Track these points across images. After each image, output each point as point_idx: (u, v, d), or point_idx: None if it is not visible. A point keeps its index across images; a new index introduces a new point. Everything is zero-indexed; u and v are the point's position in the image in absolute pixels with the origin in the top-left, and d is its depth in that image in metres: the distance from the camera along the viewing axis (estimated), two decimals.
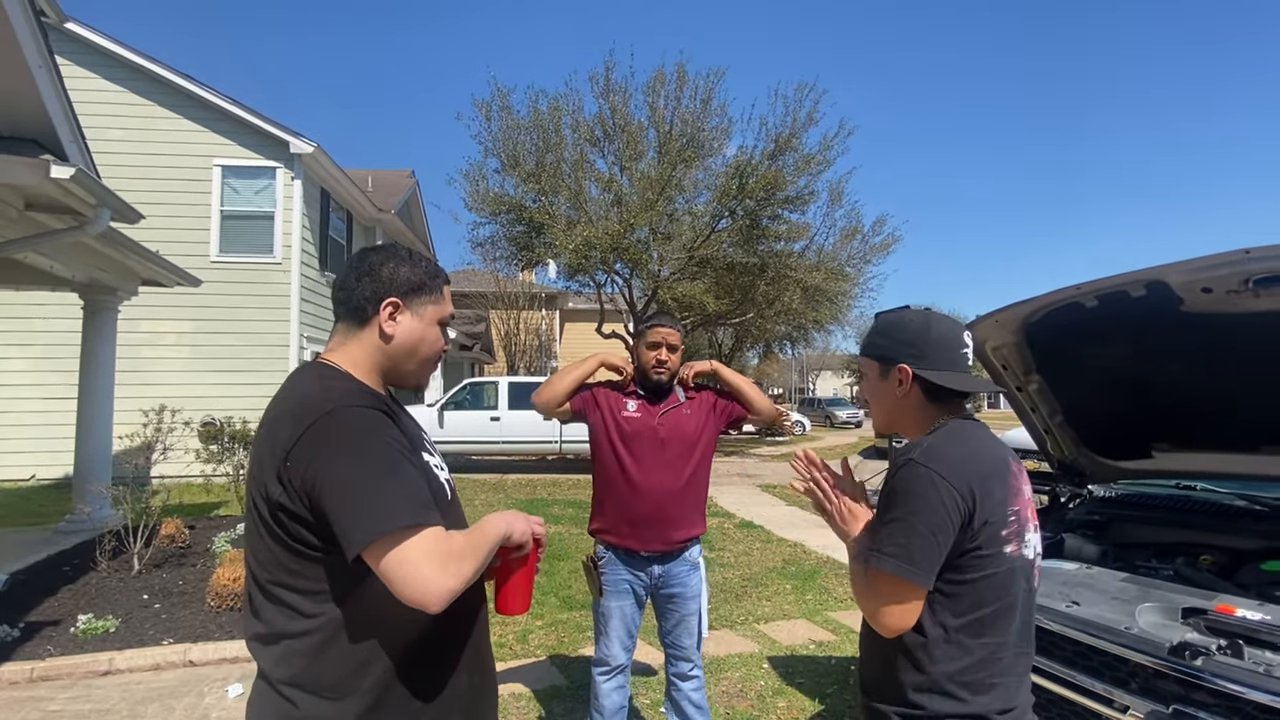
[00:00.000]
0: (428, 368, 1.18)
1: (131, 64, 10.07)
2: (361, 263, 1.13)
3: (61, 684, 3.18)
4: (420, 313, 1.13)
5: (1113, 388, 2.37)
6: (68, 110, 4.30)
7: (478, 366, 21.00)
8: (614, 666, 2.26)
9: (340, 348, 1.11)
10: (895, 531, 1.11)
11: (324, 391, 1.01)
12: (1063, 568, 2.12)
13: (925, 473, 1.11)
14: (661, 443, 2.22)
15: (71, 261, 5.40)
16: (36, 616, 3.84)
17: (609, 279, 15.04)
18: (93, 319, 6.31)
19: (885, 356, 1.28)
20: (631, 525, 2.21)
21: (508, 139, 13.66)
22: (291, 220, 10.67)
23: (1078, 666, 1.72)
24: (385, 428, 1.00)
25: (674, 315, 2.40)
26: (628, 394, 2.31)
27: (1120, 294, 1.96)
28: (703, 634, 2.33)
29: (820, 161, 13.93)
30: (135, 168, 9.91)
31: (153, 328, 9.68)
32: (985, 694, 1.13)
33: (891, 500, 1.15)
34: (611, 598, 2.24)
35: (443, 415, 11.47)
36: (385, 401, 1.09)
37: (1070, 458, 2.69)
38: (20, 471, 9.31)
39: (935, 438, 1.19)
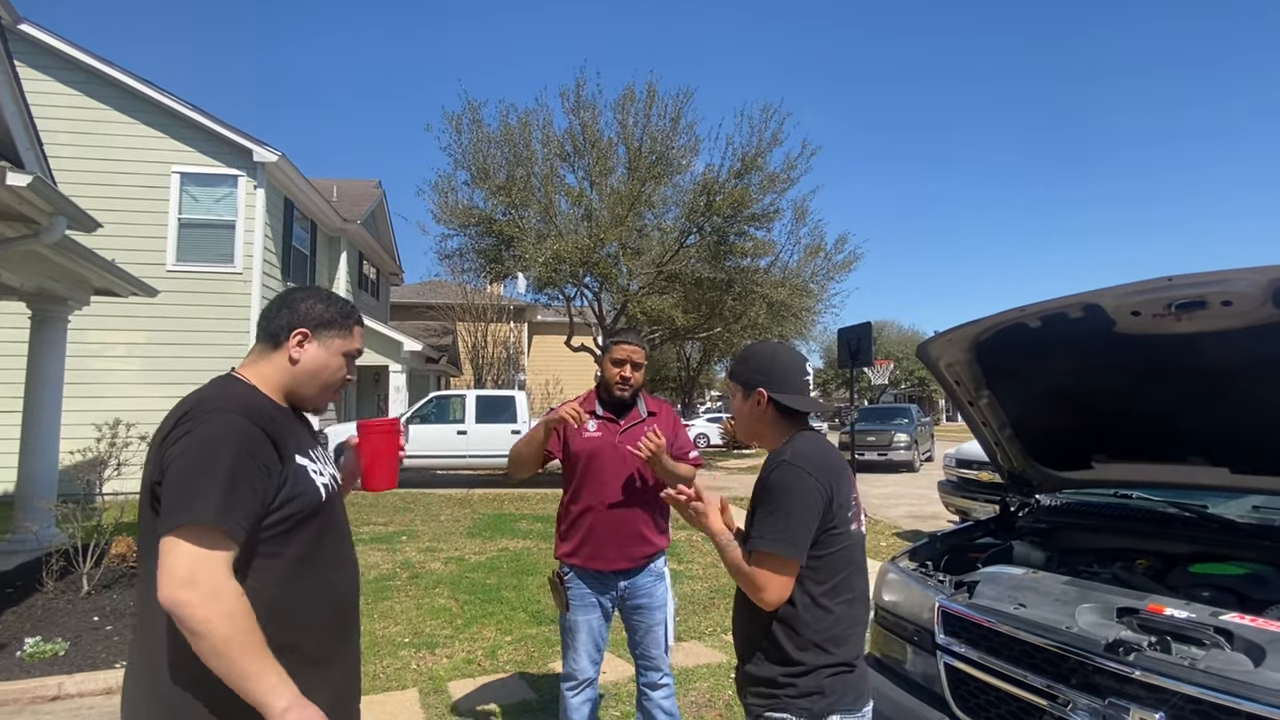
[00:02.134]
0: (327, 393, 1.34)
1: (87, 67, 9.81)
2: (286, 296, 1.32)
3: (9, 709, 3.06)
4: (326, 344, 1.30)
5: (1056, 403, 2.53)
6: (25, 116, 4.20)
7: (444, 380, 20.72)
8: (582, 680, 2.27)
9: (253, 364, 1.28)
10: (777, 520, 1.39)
11: (217, 395, 1.16)
12: (1011, 573, 2.25)
13: (797, 470, 1.41)
14: (623, 459, 2.23)
15: (21, 270, 5.21)
16: None
17: (578, 293, 15.10)
18: (40, 329, 6.08)
19: (747, 382, 1.56)
20: (596, 546, 2.24)
21: (478, 152, 13.68)
22: (253, 230, 10.47)
23: (1024, 664, 1.83)
24: (249, 439, 1.10)
25: (639, 332, 2.44)
26: (587, 413, 2.30)
27: (1060, 315, 2.11)
28: (669, 642, 2.37)
29: (784, 180, 14.33)
30: (90, 173, 9.63)
31: (104, 338, 9.36)
32: (845, 645, 1.43)
33: (770, 494, 1.42)
34: (578, 612, 2.26)
35: (408, 429, 11.29)
36: (274, 413, 1.21)
37: (1019, 469, 2.84)
38: None
39: (796, 444, 1.48)
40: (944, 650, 1.99)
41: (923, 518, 8.90)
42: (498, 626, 4.32)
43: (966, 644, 1.94)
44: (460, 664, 3.71)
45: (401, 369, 13.94)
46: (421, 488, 11.49)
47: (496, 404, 11.73)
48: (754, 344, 1.67)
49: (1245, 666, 1.54)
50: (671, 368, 32.07)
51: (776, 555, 1.37)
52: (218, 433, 1.08)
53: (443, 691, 3.35)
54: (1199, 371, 2.08)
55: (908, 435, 15.56)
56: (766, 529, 1.39)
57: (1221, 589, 2.03)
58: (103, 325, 9.13)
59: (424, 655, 3.84)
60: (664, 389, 34.35)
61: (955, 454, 7.86)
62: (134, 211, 9.92)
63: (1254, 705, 1.40)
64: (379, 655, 3.81)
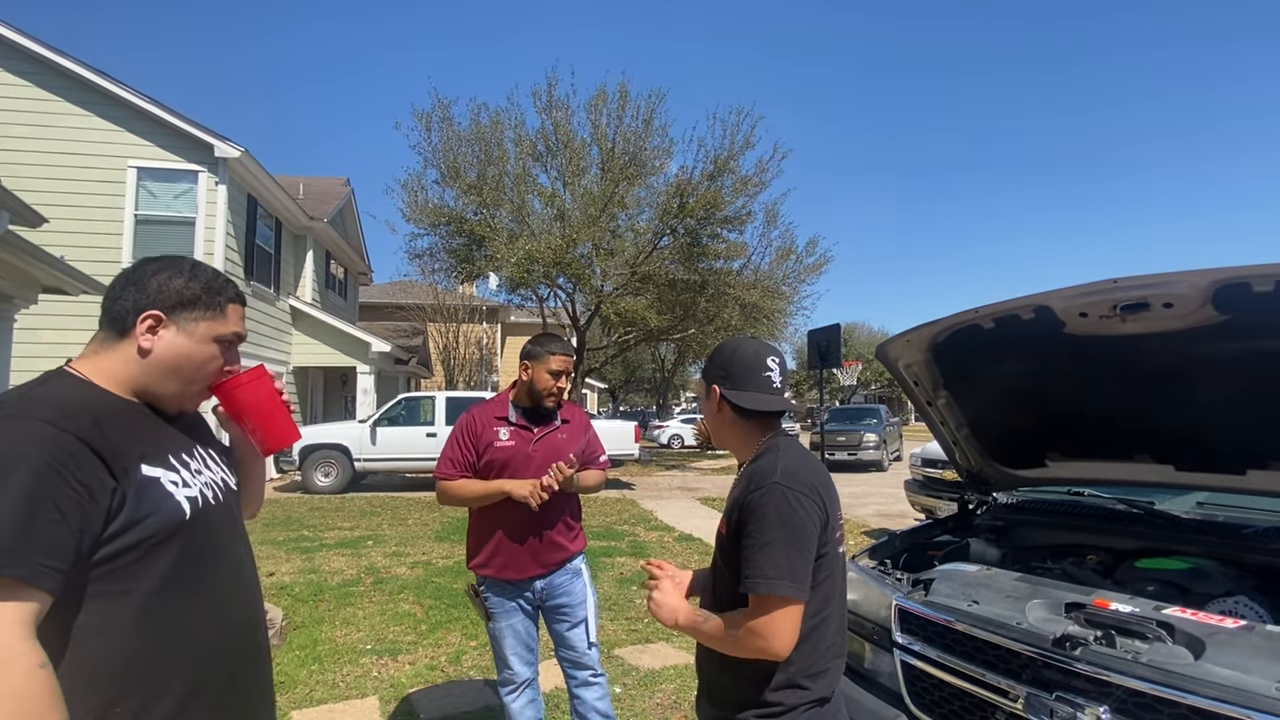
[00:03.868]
0: (194, 389, 1.08)
1: (39, 57, 9.45)
2: (133, 270, 1.05)
3: None
4: (189, 329, 1.05)
5: (1010, 402, 2.58)
6: None
7: (414, 381, 20.43)
8: (520, 683, 2.24)
9: (93, 356, 1.02)
10: (775, 554, 1.18)
11: (18, 398, 0.92)
12: (966, 570, 2.28)
13: (791, 494, 1.22)
14: (538, 469, 2.18)
15: None
16: None
17: (552, 293, 15.03)
18: None
19: (706, 379, 1.44)
20: (508, 556, 2.19)
21: (448, 150, 13.54)
22: (215, 227, 10.20)
23: (977, 661, 1.85)
24: (56, 454, 0.86)
25: (566, 341, 2.36)
26: (499, 419, 2.25)
27: (1013, 316, 2.15)
28: (593, 638, 2.32)
29: (756, 183, 14.46)
30: (41, 167, 9.30)
31: (56, 338, 9.00)
32: (823, 678, 1.29)
33: (762, 523, 1.21)
34: (501, 618, 2.23)
35: (375, 431, 11.11)
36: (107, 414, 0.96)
37: (976, 467, 2.89)
38: None
39: (782, 459, 1.29)
40: (901, 648, 2.01)
41: (890, 516, 9.03)
42: (463, 631, 4.25)
43: (922, 641, 1.96)
44: (423, 670, 3.64)
45: (370, 370, 13.71)
46: (389, 491, 11.30)
47: (467, 405, 11.55)
48: (725, 340, 1.51)
49: (1186, 659, 1.57)
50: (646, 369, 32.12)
51: (786, 597, 1.18)
52: (10, 446, 0.84)
53: (403, 699, 3.28)
54: (1145, 372, 2.14)
55: (876, 435, 15.80)
56: (767, 565, 1.17)
57: (1166, 583, 2.09)
58: (55, 325, 8.79)
59: (385, 662, 3.76)
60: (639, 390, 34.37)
61: (921, 453, 8.00)
62: (89, 207, 9.59)
63: (1193, 698, 1.44)
64: (339, 663, 3.72)
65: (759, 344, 1.45)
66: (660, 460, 18.34)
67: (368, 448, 11.01)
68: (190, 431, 1.13)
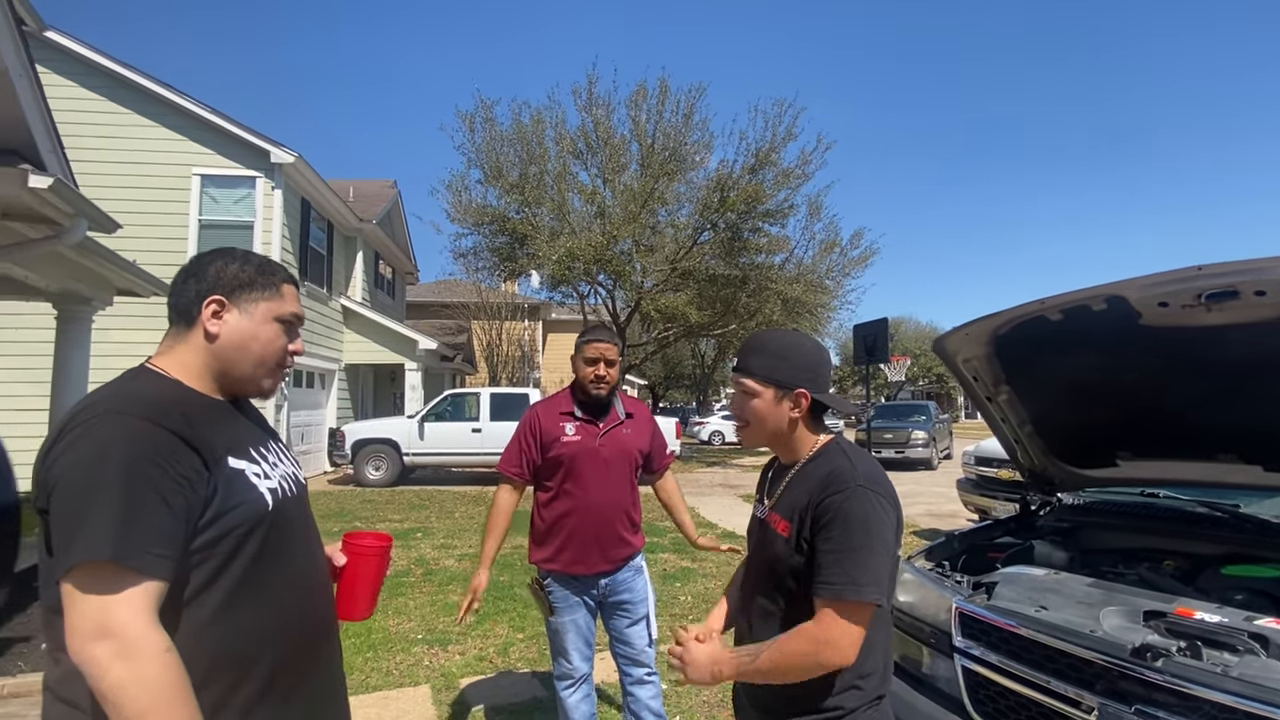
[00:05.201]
0: (267, 370, 1.10)
1: (110, 72, 9.98)
2: (191, 264, 1.09)
3: (33, 700, 3.11)
4: (249, 310, 1.08)
5: (1078, 398, 2.46)
6: (47, 120, 4.26)
7: (459, 378, 20.86)
8: (577, 678, 2.24)
9: (169, 351, 1.06)
10: (863, 559, 1.14)
11: (113, 395, 0.95)
12: (1032, 573, 2.18)
13: (875, 498, 1.19)
14: (605, 463, 2.20)
15: (47, 271, 5.31)
16: (7, 633, 3.74)
17: (592, 290, 15.11)
18: (66, 329, 6.19)
19: (784, 382, 1.31)
20: (577, 551, 2.19)
21: (491, 150, 13.73)
22: (271, 230, 10.59)
23: (1046, 669, 1.77)
24: (154, 446, 0.89)
25: (610, 329, 2.40)
26: (564, 415, 2.25)
27: (1082, 308, 2.05)
28: (653, 636, 2.33)
29: (799, 175, 14.21)
30: (113, 176, 9.80)
31: (126, 338, 9.51)
32: (876, 675, 1.27)
33: (848, 527, 1.16)
34: (564, 613, 2.23)
35: (423, 427, 11.39)
36: (193, 408, 0.99)
37: (1040, 467, 2.77)
38: None
39: (857, 462, 1.26)
40: (961, 653, 1.94)
41: (941, 516, 8.77)
42: (510, 624, 4.32)
43: (985, 647, 1.88)
44: (472, 660, 3.71)
45: (417, 367, 14.05)
46: (436, 485, 11.57)
47: (511, 402, 11.76)
48: (776, 334, 1.41)
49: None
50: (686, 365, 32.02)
51: (872, 604, 1.14)
52: (110, 443, 0.87)
53: (455, 688, 3.35)
54: (1230, 365, 2.00)
55: (925, 433, 15.36)
56: (856, 571, 1.13)
57: (1257, 592, 1.95)
58: (126, 325, 9.28)
59: (436, 652, 3.85)
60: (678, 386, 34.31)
61: (974, 451, 7.73)
62: (157, 214, 10.08)
63: None
64: (392, 651, 3.83)
65: (816, 340, 1.44)
66: (701, 456, 18.27)
67: (416, 442, 11.30)
68: (262, 425, 1.17)
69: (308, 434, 12.35)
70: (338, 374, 13.58)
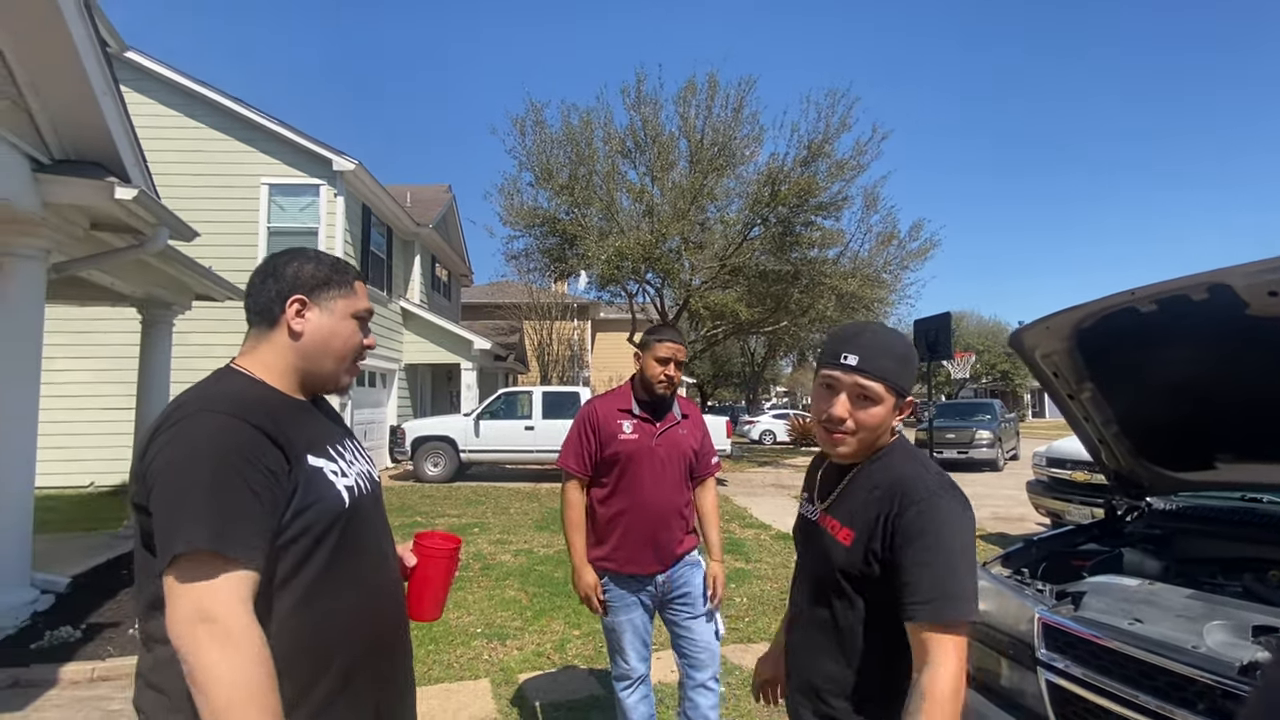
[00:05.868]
0: (345, 365, 1.13)
1: (186, 89, 10.57)
2: (267, 265, 1.12)
3: (121, 684, 3.31)
4: (329, 307, 1.11)
5: (1172, 396, 2.28)
6: (130, 134, 4.53)
7: (512, 377, 21.25)
8: (635, 678, 2.21)
9: (251, 352, 1.09)
10: (966, 577, 1.05)
11: (202, 394, 0.98)
12: (1123, 584, 2.04)
13: (958, 506, 1.10)
14: (660, 462, 2.18)
15: (131, 278, 5.67)
16: (97, 619, 4.00)
17: (640, 289, 15.10)
18: (149, 332, 6.61)
19: (905, 389, 1.20)
20: (631, 550, 2.17)
21: (541, 153, 13.88)
22: (334, 236, 11.02)
23: (1141, 687, 1.65)
24: (243, 442, 0.92)
25: (678, 329, 2.36)
26: (623, 412, 2.23)
27: (1180, 298, 1.89)
28: (720, 632, 2.26)
29: (854, 167, 13.80)
30: (189, 187, 10.38)
31: (206, 341, 10.06)
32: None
33: (939, 540, 1.06)
34: (619, 613, 2.20)
35: (478, 424, 11.64)
36: (276, 407, 1.02)
37: (1127, 469, 2.58)
38: (81, 479, 9.76)
39: (926, 464, 1.18)
40: (1046, 666, 1.82)
41: (1009, 520, 8.38)
42: (566, 620, 4.34)
43: (1073, 661, 1.76)
44: (530, 656, 3.75)
45: (472, 367, 14.38)
46: (492, 481, 11.80)
47: (562, 400, 11.89)
48: (894, 334, 1.24)
49: None
50: (735, 363, 31.67)
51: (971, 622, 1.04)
52: (204, 439, 0.91)
53: (513, 683, 3.39)
54: None
55: (990, 432, 14.72)
56: (955, 587, 1.03)
57: None
58: (205, 329, 9.82)
59: (495, 646, 3.91)
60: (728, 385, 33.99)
61: (1046, 452, 7.34)
62: (229, 222, 10.64)
63: None
64: (452, 645, 3.91)
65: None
66: (752, 456, 18.04)
67: (472, 439, 11.56)
68: (339, 423, 1.19)
69: (370, 431, 12.81)
70: (398, 374, 14.04)
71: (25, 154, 3.81)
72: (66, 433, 9.78)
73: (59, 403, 9.70)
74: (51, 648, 3.56)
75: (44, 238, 4.07)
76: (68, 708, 3.09)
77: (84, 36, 3.92)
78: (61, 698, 3.18)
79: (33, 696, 3.18)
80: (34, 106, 3.98)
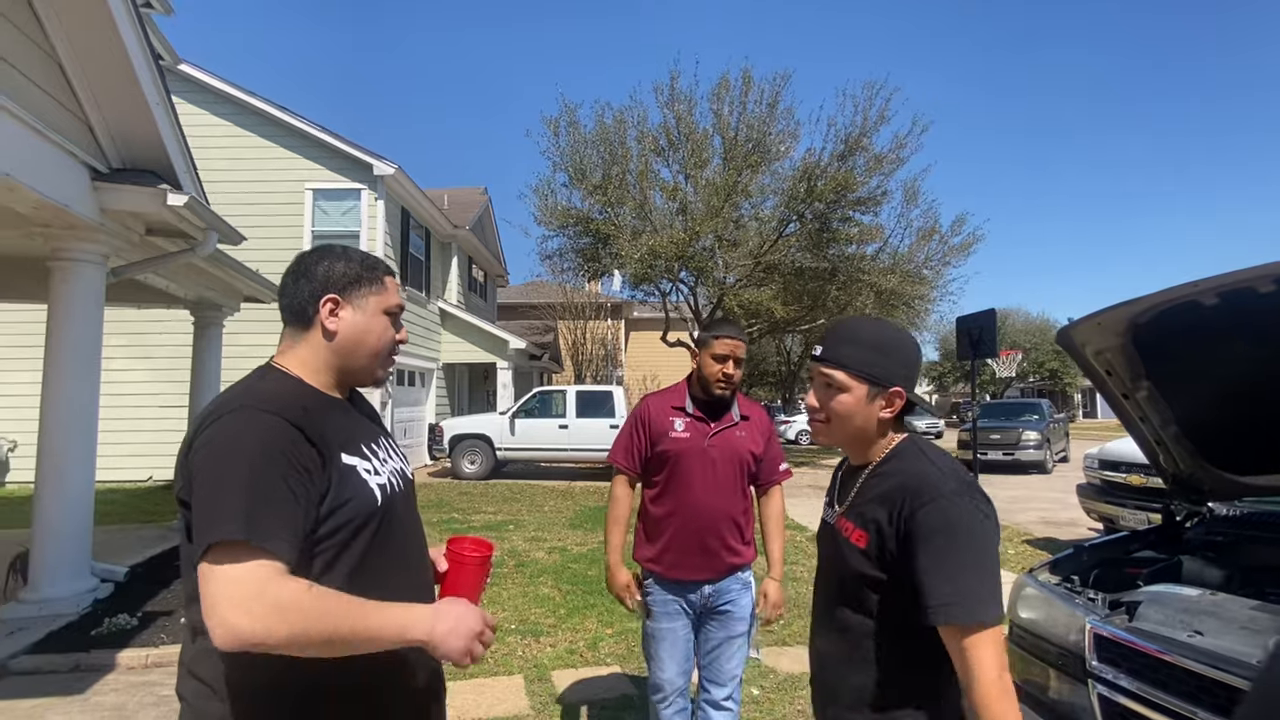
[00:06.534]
0: (380, 360, 1.15)
1: (235, 99, 10.96)
2: (298, 265, 1.13)
3: (172, 670, 3.42)
4: (361, 305, 1.12)
5: (1235, 395, 2.14)
6: (182, 143, 4.71)
7: (546, 376, 21.44)
8: (672, 691, 2.10)
9: (288, 350, 1.11)
10: (985, 577, 1.02)
11: (244, 392, 1.01)
12: (1182, 593, 1.93)
13: (978, 510, 1.07)
14: (712, 464, 2.07)
15: (184, 281, 5.90)
16: (152, 607, 4.18)
17: (674, 288, 15.05)
18: (202, 333, 6.88)
19: (880, 379, 1.18)
20: (679, 554, 2.07)
21: (574, 153, 13.95)
22: (375, 239, 11.29)
23: (1202, 703, 1.55)
24: (281, 439, 0.95)
25: (740, 325, 2.21)
26: (676, 410, 2.13)
27: (1245, 291, 1.78)
28: (749, 656, 2.16)
29: (893, 160, 13.48)
30: (237, 194, 10.76)
31: (254, 341, 10.38)
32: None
33: (964, 541, 1.04)
34: (662, 619, 2.11)
35: (514, 423, 11.78)
36: (312, 405, 1.04)
37: (1186, 472, 2.45)
38: (140, 473, 10.23)
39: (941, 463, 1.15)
40: (1097, 679, 1.73)
41: (1057, 524, 8.07)
42: (599, 619, 4.35)
43: (1127, 674, 1.67)
44: (563, 653, 3.76)
45: (508, 366, 14.57)
46: (527, 479, 11.93)
47: (595, 399, 11.94)
48: (871, 324, 1.28)
49: None
50: (771, 362, 31.31)
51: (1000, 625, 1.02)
52: (244, 435, 0.94)
53: (546, 680, 3.41)
54: None
55: (1038, 433, 14.18)
56: (985, 592, 1.01)
57: None
58: (252, 330, 10.17)
59: (529, 642, 3.93)
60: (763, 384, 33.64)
61: (1098, 454, 7.03)
62: (275, 227, 10.99)
63: None
64: None
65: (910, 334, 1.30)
66: (788, 456, 17.76)
67: (507, 437, 11.71)
68: (374, 419, 1.20)
69: (410, 429, 13.09)
70: (436, 373, 14.31)
71: (84, 163, 4.00)
72: (126, 429, 10.27)
73: (119, 400, 10.20)
74: (110, 634, 3.73)
75: (102, 243, 4.26)
76: (123, 692, 3.23)
77: (138, 50, 4.09)
78: (119, 682, 3.33)
79: (92, 680, 3.33)
80: (92, 118, 4.18)
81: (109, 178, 4.19)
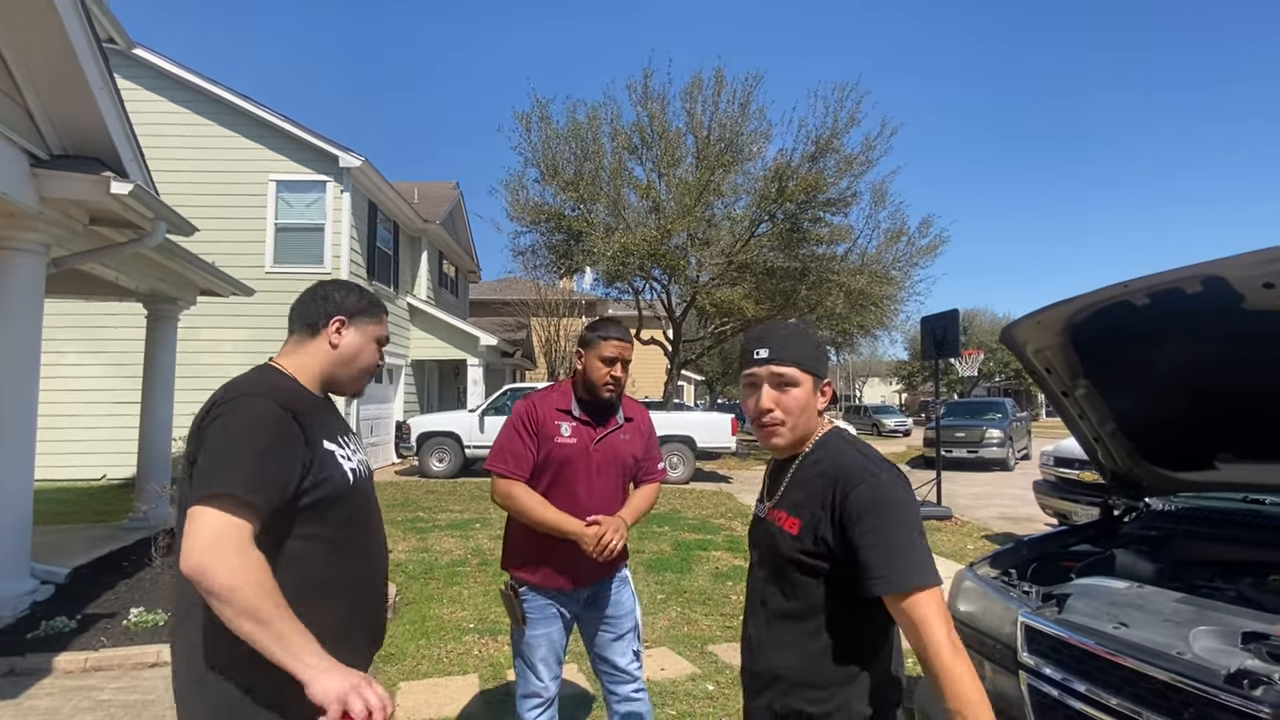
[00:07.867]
0: (363, 377, 1.43)
1: (194, 86, 10.64)
2: (318, 288, 1.41)
3: (112, 674, 3.33)
4: (361, 330, 1.40)
5: (1169, 393, 2.21)
6: (127, 129, 4.55)
7: (519, 373, 21.28)
8: (546, 698, 2.03)
9: (290, 354, 1.35)
10: (919, 545, 1.12)
11: (251, 381, 1.23)
12: (1111, 586, 1.98)
13: (902, 485, 1.17)
14: (597, 469, 1.99)
15: (134, 273, 5.71)
16: (93, 609, 4.04)
17: (647, 285, 15.07)
18: (155, 327, 6.65)
19: (819, 371, 1.29)
20: (559, 564, 1.97)
21: (547, 149, 13.87)
22: (340, 232, 11.06)
23: (1125, 694, 1.59)
24: (279, 422, 1.17)
25: (622, 324, 2.11)
26: (561, 412, 2.02)
27: (1174, 291, 1.82)
28: (638, 650, 2.14)
29: (862, 162, 13.69)
30: (197, 183, 10.47)
31: (212, 335, 10.17)
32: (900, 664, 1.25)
33: (897, 515, 1.13)
34: (537, 625, 2.01)
35: (483, 420, 11.65)
36: (303, 399, 1.28)
37: (1124, 468, 2.51)
38: (93, 471, 9.90)
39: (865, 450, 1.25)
40: (1028, 671, 1.77)
41: (1016, 520, 8.26)
42: None
43: (1055, 666, 1.71)
44: None
45: (479, 363, 14.41)
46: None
47: None
48: (792, 324, 1.38)
49: None
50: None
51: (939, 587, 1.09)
52: (251, 415, 1.15)
53: (501, 679, 3.37)
54: None
55: (1001, 431, 14.53)
56: (925, 558, 1.09)
57: None
58: (211, 323, 9.92)
59: (486, 641, 3.89)
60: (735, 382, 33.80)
61: (1053, 452, 7.23)
62: (238, 219, 10.72)
63: None
64: (444, 639, 3.90)
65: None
66: (758, 454, 17.93)
67: (477, 435, 11.58)
68: (344, 421, 1.43)
69: (377, 427, 12.88)
70: (405, 369, 14.10)
71: (22, 149, 3.83)
72: (79, 426, 9.92)
73: (71, 397, 9.85)
74: (47, 637, 3.59)
75: (42, 231, 4.09)
76: (59, 696, 3.11)
77: (79, 32, 3.93)
78: (54, 687, 3.21)
79: (26, 685, 3.20)
80: (31, 102, 4.01)
81: (49, 164, 4.03)
